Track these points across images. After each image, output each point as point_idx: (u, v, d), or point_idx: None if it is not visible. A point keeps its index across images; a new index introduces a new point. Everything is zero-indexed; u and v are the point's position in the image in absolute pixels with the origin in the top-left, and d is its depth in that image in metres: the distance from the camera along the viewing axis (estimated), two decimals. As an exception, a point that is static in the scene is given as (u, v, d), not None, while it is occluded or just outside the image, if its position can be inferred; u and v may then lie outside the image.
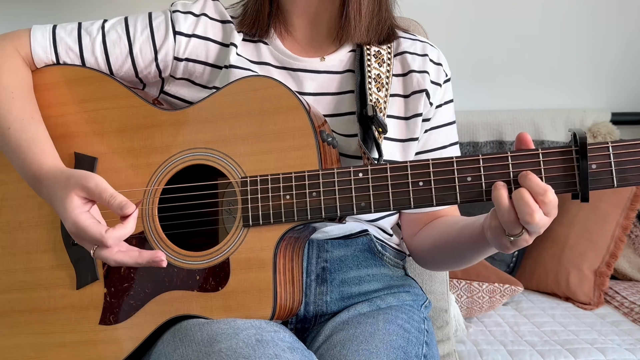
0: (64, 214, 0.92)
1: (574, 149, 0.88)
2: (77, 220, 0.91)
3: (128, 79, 1.14)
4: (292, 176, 0.97)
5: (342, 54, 1.17)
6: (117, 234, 0.89)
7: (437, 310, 1.48)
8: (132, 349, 1.00)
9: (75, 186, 0.93)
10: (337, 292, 1.11)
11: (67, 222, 0.92)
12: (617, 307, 1.98)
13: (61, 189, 0.94)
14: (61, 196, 0.93)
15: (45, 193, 0.98)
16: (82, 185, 0.92)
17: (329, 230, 1.11)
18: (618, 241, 2.07)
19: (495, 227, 0.90)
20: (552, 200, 0.86)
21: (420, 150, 1.19)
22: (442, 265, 1.26)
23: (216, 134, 1.02)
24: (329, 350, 0.99)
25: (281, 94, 1.00)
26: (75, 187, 0.93)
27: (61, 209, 0.93)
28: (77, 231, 0.91)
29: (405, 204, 0.94)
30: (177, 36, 1.13)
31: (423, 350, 1.03)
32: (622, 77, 2.44)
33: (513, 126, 2.29)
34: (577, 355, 1.55)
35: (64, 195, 0.93)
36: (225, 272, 0.98)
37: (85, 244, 0.93)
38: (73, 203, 0.92)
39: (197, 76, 1.14)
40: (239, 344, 0.87)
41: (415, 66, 1.18)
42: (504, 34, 2.39)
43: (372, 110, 1.08)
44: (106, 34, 1.12)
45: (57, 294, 1.05)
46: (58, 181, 0.96)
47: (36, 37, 1.11)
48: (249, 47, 1.16)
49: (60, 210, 0.94)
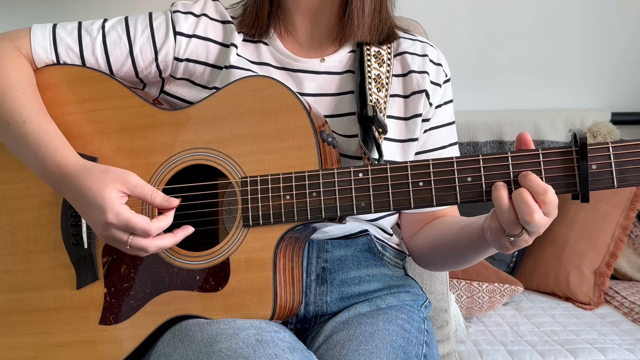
0: (102, 205, 0.92)
1: (574, 149, 0.88)
2: (120, 211, 0.92)
3: (128, 79, 1.14)
4: (292, 176, 0.97)
5: (341, 54, 1.17)
6: (160, 224, 0.94)
7: (437, 310, 1.48)
8: (132, 349, 1.00)
9: (114, 180, 0.94)
10: (337, 292, 1.11)
11: (106, 214, 0.92)
12: (617, 307, 1.98)
13: (97, 182, 0.94)
14: (97, 189, 0.93)
15: (70, 188, 0.97)
16: (124, 179, 0.94)
17: (329, 230, 1.11)
18: (618, 241, 2.07)
19: (495, 228, 0.91)
20: (552, 200, 0.86)
21: (420, 150, 1.19)
22: (442, 266, 1.26)
23: (216, 134, 1.02)
24: (329, 350, 0.99)
25: (281, 94, 1.00)
26: (114, 181, 0.94)
27: (96, 204, 0.93)
28: (121, 222, 0.92)
29: (406, 204, 0.94)
30: (177, 36, 1.13)
31: (423, 350, 1.03)
32: (622, 77, 2.44)
33: (513, 126, 2.29)
34: (577, 355, 1.55)
35: (101, 188, 0.93)
36: (225, 272, 0.98)
37: (118, 235, 0.93)
38: (113, 195, 0.93)
39: (197, 76, 1.14)
40: (239, 344, 0.87)
41: (415, 66, 1.18)
42: (504, 34, 2.39)
43: (372, 110, 1.08)
44: (106, 34, 1.12)
45: (57, 294, 1.05)
46: (93, 175, 0.95)
47: (36, 36, 1.11)
48: (249, 47, 1.16)
49: (93, 204, 0.93)
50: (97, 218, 0.93)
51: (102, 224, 0.93)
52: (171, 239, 0.96)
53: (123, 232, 0.93)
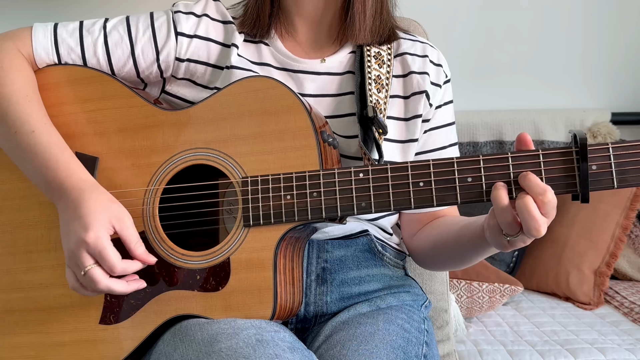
0: (87, 224, 0.93)
1: (574, 149, 0.88)
2: (101, 236, 0.92)
3: (129, 79, 1.14)
4: (292, 176, 0.97)
5: (342, 55, 1.18)
6: (128, 266, 0.95)
7: (437, 310, 1.48)
8: (132, 349, 1.00)
9: (113, 213, 0.95)
10: (337, 292, 1.11)
11: (88, 232, 0.92)
12: (617, 307, 1.98)
13: (98, 205, 0.95)
14: (94, 210, 0.94)
15: (73, 197, 0.96)
16: (120, 217, 0.96)
17: (329, 230, 1.11)
18: (618, 241, 2.07)
19: (493, 226, 0.91)
20: (552, 201, 0.86)
21: (420, 150, 1.19)
22: (442, 265, 1.26)
23: (217, 134, 1.02)
24: (329, 350, 0.99)
25: (282, 95, 1.00)
26: (112, 214, 0.95)
27: (83, 221, 0.93)
28: (95, 245, 0.92)
29: (406, 204, 0.94)
30: (178, 37, 1.13)
31: (423, 350, 1.03)
32: (622, 77, 2.44)
33: (513, 126, 2.29)
34: (577, 355, 1.55)
35: (97, 212, 0.94)
36: (225, 272, 0.98)
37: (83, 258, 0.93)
38: (103, 223, 0.94)
39: (198, 76, 1.14)
40: (239, 343, 0.87)
41: (415, 67, 1.18)
42: (504, 34, 2.39)
43: (373, 111, 1.08)
44: (108, 34, 1.12)
45: (57, 293, 1.05)
46: (100, 197, 0.96)
47: (37, 37, 1.11)
48: (250, 48, 1.16)
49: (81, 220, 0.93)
50: (77, 232, 0.93)
51: (78, 239, 0.93)
52: (123, 286, 0.95)
53: (89, 258, 0.93)
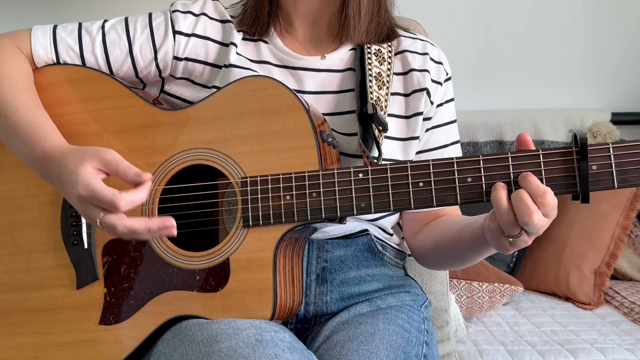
0: (75, 179, 0.89)
1: (574, 150, 0.88)
2: (89, 183, 0.88)
3: (128, 79, 1.14)
4: (292, 176, 0.97)
5: (342, 52, 1.17)
6: (130, 197, 0.87)
7: (437, 310, 1.48)
8: (132, 349, 1.00)
9: (91, 157, 0.91)
10: (337, 292, 1.11)
11: (77, 187, 0.89)
12: (617, 307, 1.98)
13: (75, 160, 0.92)
14: (73, 167, 0.91)
15: (54, 169, 0.95)
16: (99, 156, 0.91)
17: (329, 230, 1.11)
18: (618, 241, 2.07)
19: (494, 228, 0.91)
20: (551, 202, 0.86)
21: (421, 149, 1.19)
22: (443, 265, 1.26)
23: (216, 134, 1.02)
24: (329, 350, 0.99)
25: (281, 94, 1.00)
26: (91, 158, 0.91)
27: (72, 179, 0.90)
28: (88, 194, 0.88)
29: (406, 204, 0.94)
30: (176, 36, 1.13)
31: (423, 350, 1.03)
32: (622, 77, 2.44)
33: (513, 126, 2.29)
34: (577, 355, 1.55)
35: (77, 166, 0.91)
36: (225, 273, 0.98)
37: (91, 212, 0.90)
38: (87, 170, 0.90)
39: (196, 75, 1.14)
40: (238, 343, 0.87)
41: (416, 65, 1.18)
42: (503, 34, 2.39)
43: (372, 108, 1.08)
44: (106, 33, 1.13)
45: (57, 293, 1.05)
46: (72, 154, 0.93)
47: (37, 36, 1.11)
48: (249, 46, 1.16)
49: (70, 180, 0.91)
50: (72, 194, 0.90)
51: (77, 199, 0.90)
52: (143, 223, 0.88)
53: (94, 208, 0.89)
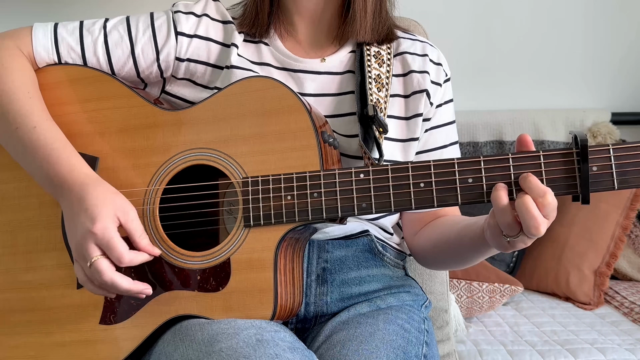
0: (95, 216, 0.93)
1: (574, 151, 0.88)
2: (108, 227, 0.92)
3: (130, 79, 1.14)
4: (293, 177, 0.97)
5: (342, 54, 1.18)
6: (136, 257, 0.94)
7: (437, 310, 1.48)
8: (132, 349, 1.00)
9: (118, 206, 0.95)
10: (338, 293, 1.11)
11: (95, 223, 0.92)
12: (617, 307, 1.98)
13: (103, 198, 0.95)
14: (100, 203, 0.94)
15: (76, 191, 0.96)
16: (125, 209, 0.95)
17: (329, 230, 1.11)
18: (618, 241, 2.07)
19: (494, 227, 0.91)
20: (552, 203, 0.86)
21: (421, 150, 1.20)
22: (443, 265, 1.26)
23: (217, 134, 1.02)
24: (329, 350, 0.99)
25: (283, 95, 1.00)
26: (117, 206, 0.95)
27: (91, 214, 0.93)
28: (102, 235, 0.91)
29: (407, 205, 0.94)
30: (178, 36, 1.13)
31: (423, 350, 1.04)
32: (622, 77, 2.44)
33: (513, 126, 2.29)
34: (577, 355, 1.55)
35: (103, 204, 0.94)
36: (226, 273, 0.98)
37: (91, 249, 0.92)
38: (110, 213, 0.94)
39: (198, 76, 1.14)
40: (239, 343, 0.87)
41: (416, 66, 1.18)
42: (504, 34, 2.39)
43: (373, 110, 1.08)
44: (108, 34, 1.12)
45: (57, 293, 1.05)
46: (104, 189, 0.97)
47: (38, 36, 1.11)
48: (250, 47, 1.16)
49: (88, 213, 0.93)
50: (84, 225, 0.93)
51: (86, 231, 0.92)
52: (128, 282, 0.94)
53: (96, 248, 0.92)
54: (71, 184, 0.97)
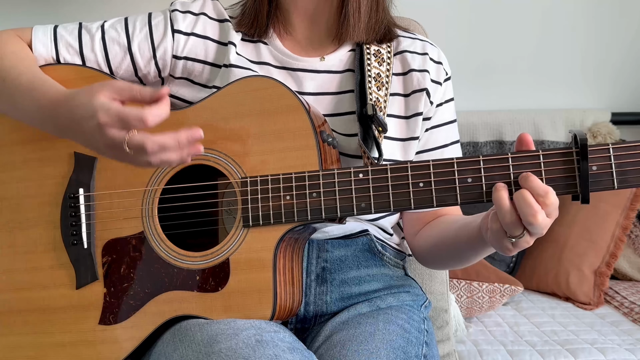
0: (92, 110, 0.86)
1: (574, 150, 0.88)
2: (110, 107, 0.85)
3: (128, 78, 1.14)
4: (292, 177, 0.97)
5: (341, 53, 1.17)
6: (156, 111, 0.84)
7: (437, 310, 1.48)
8: (131, 349, 1.00)
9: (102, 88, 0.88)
10: (337, 292, 1.11)
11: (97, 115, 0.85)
12: (617, 307, 1.98)
13: (86, 95, 0.88)
14: (87, 100, 0.88)
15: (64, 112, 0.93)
16: (111, 85, 0.87)
17: (329, 230, 1.11)
18: (618, 241, 2.07)
19: (497, 230, 0.90)
20: (553, 202, 0.86)
21: (421, 149, 1.19)
22: (443, 264, 1.26)
23: (216, 134, 1.02)
24: (329, 350, 0.99)
25: (281, 94, 1.00)
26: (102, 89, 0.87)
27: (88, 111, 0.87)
28: (111, 117, 0.85)
29: (406, 205, 0.94)
30: (175, 34, 1.13)
31: (423, 350, 1.03)
32: (623, 77, 2.44)
33: (513, 126, 2.29)
34: (577, 355, 1.55)
35: (90, 98, 0.87)
36: (225, 273, 0.98)
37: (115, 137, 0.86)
38: (102, 98, 0.87)
39: (196, 75, 1.14)
40: (238, 344, 0.87)
41: (416, 65, 1.17)
42: (504, 34, 2.39)
43: (372, 109, 1.08)
44: (105, 32, 1.13)
45: (56, 293, 1.05)
46: (80, 92, 0.90)
47: (37, 34, 1.12)
48: (249, 47, 1.16)
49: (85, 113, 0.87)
50: (92, 129, 0.87)
51: (97, 129, 0.86)
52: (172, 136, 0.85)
53: (118, 130, 0.85)
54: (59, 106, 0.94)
